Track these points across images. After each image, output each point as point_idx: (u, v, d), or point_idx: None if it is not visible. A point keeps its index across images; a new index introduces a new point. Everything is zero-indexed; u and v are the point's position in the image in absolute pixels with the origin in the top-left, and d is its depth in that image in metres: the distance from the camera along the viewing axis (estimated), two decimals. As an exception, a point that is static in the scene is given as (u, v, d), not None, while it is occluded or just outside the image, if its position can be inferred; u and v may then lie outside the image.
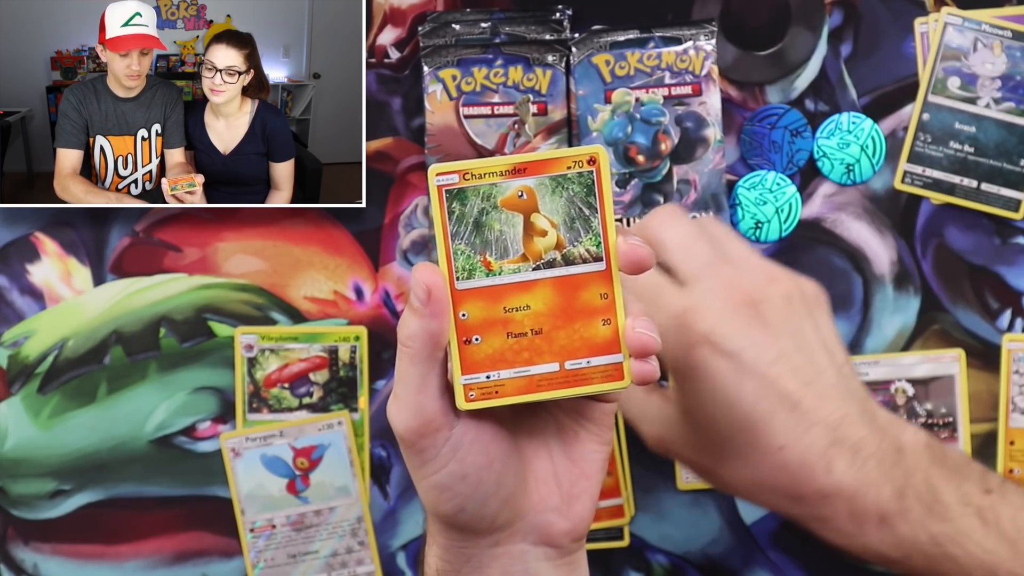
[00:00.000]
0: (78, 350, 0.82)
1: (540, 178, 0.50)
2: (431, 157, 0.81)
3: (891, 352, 0.83)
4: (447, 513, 0.52)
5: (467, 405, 0.51)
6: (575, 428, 0.54)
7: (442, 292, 0.49)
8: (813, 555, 0.83)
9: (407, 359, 0.50)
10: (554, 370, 0.51)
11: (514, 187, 0.50)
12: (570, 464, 0.54)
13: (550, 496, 0.54)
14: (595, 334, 0.51)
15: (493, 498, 0.52)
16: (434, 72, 0.81)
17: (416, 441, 0.51)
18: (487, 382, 0.51)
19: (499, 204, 0.50)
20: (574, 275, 0.51)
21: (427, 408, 0.50)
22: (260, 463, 0.81)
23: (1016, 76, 0.82)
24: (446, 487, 0.51)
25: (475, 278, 0.51)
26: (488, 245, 0.51)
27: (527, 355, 0.51)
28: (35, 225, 0.83)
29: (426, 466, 0.51)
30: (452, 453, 0.51)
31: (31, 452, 0.82)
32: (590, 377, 0.51)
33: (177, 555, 0.82)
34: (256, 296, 0.83)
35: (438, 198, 0.50)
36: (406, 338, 0.50)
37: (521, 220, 0.50)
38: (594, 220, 0.50)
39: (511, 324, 0.51)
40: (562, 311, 0.51)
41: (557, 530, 0.54)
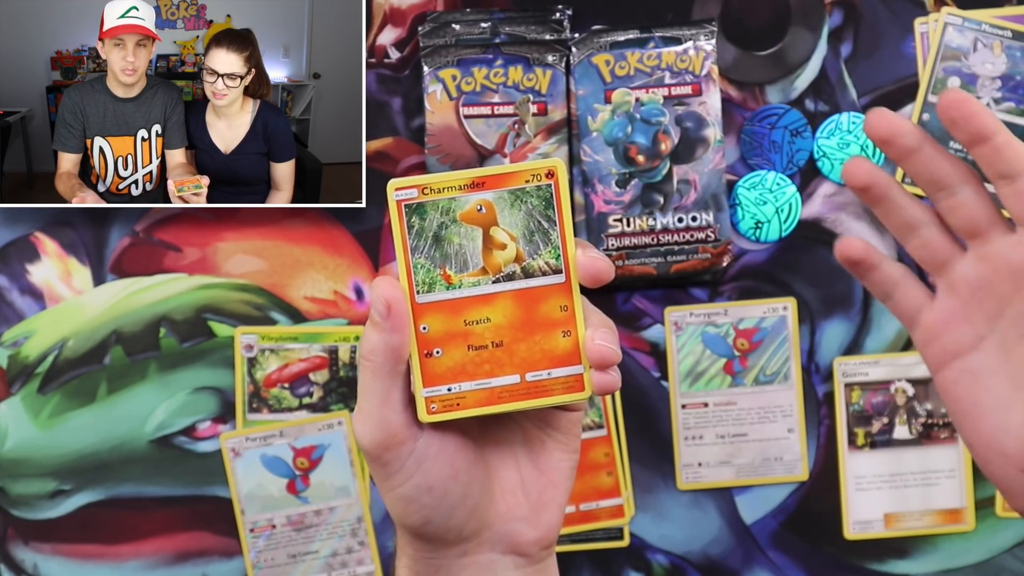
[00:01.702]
0: (78, 350, 0.82)
1: (499, 192, 0.51)
2: (431, 157, 0.81)
3: (891, 352, 0.83)
4: (414, 524, 0.53)
5: (429, 417, 0.51)
6: (542, 438, 0.55)
7: (402, 306, 0.50)
8: (813, 555, 0.83)
9: (369, 373, 0.51)
10: (515, 382, 0.51)
11: (473, 201, 0.51)
12: (537, 473, 0.55)
13: (518, 506, 0.55)
14: (555, 346, 0.51)
15: (459, 509, 0.53)
16: (434, 72, 0.81)
17: (381, 454, 0.51)
18: (448, 394, 0.51)
19: (458, 218, 0.51)
20: (534, 288, 0.51)
21: (391, 421, 0.51)
22: (260, 463, 0.81)
23: (1016, 76, 0.82)
24: (412, 499, 0.52)
25: (435, 291, 0.51)
26: (448, 259, 0.51)
27: (488, 367, 0.51)
28: (35, 225, 0.83)
29: (391, 478, 0.52)
30: (417, 465, 0.52)
31: (31, 452, 0.82)
32: (551, 388, 0.52)
33: (177, 555, 0.82)
34: (256, 296, 0.83)
35: (397, 213, 0.51)
36: (368, 352, 0.51)
37: (480, 234, 0.51)
38: (553, 233, 0.51)
39: (472, 337, 0.51)
40: (522, 323, 0.51)
41: (525, 539, 0.55)
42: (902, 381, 0.82)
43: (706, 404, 0.83)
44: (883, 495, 0.83)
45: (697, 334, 0.83)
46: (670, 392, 0.83)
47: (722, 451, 0.83)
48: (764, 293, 0.83)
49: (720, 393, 0.83)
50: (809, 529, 0.83)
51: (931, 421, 0.82)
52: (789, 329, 0.83)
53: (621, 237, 0.80)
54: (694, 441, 0.83)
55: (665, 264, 0.81)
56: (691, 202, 0.80)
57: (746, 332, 0.83)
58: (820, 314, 0.83)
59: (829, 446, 0.83)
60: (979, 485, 0.83)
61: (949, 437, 0.82)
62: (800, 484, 0.83)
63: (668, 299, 0.83)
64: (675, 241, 0.80)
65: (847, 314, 0.83)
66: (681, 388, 0.83)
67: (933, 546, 0.83)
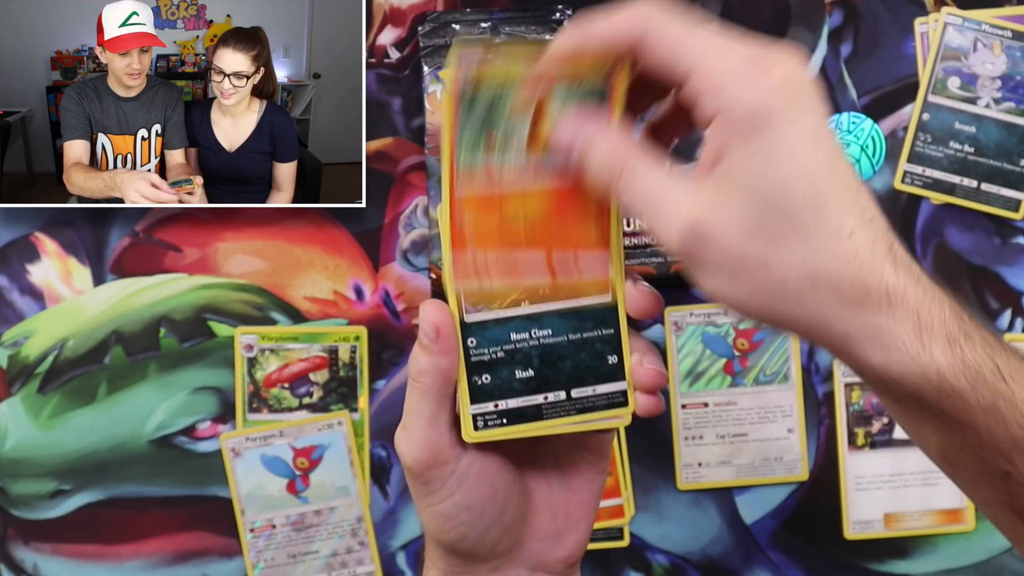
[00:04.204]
0: (78, 350, 0.82)
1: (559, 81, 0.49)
2: (431, 157, 0.81)
3: (891, 352, 0.83)
4: (450, 541, 0.53)
5: (474, 436, 0.51)
6: (574, 458, 0.55)
7: (450, 329, 0.50)
8: (813, 555, 0.83)
9: (418, 394, 0.51)
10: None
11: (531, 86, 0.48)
12: (568, 493, 0.55)
13: (548, 524, 0.55)
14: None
15: (495, 527, 0.53)
16: (434, 72, 0.81)
17: (424, 472, 0.51)
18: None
19: (512, 105, 0.49)
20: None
21: (437, 441, 0.51)
22: (260, 463, 0.81)
23: (1016, 76, 0.82)
24: (450, 516, 0.52)
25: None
26: (494, 132, 0.49)
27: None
28: (35, 225, 0.83)
29: (432, 495, 0.52)
30: (458, 484, 0.52)
31: (31, 452, 0.82)
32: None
33: (177, 555, 0.82)
34: (256, 296, 0.83)
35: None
36: (417, 373, 0.50)
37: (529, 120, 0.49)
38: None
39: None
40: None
41: (553, 557, 0.55)
42: (902, 381, 0.82)
43: (706, 404, 0.83)
44: (883, 495, 0.83)
45: (697, 334, 0.83)
46: (670, 392, 0.83)
47: (722, 451, 0.83)
48: (764, 293, 0.83)
49: (720, 393, 0.83)
50: (809, 529, 0.83)
51: (931, 421, 0.82)
52: (789, 329, 0.83)
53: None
54: (694, 441, 0.83)
55: (665, 264, 0.81)
56: (691, 202, 0.80)
57: (746, 332, 0.83)
58: (820, 314, 0.83)
59: (829, 446, 0.83)
60: (979, 485, 0.83)
61: (949, 437, 0.82)
62: (800, 484, 0.83)
63: (668, 299, 0.83)
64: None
65: (847, 314, 0.83)
66: (681, 388, 0.83)
67: (933, 546, 0.83)
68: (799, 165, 0.46)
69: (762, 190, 0.46)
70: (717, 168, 0.47)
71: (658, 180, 0.48)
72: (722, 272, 0.47)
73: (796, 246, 0.46)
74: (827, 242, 0.46)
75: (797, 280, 0.47)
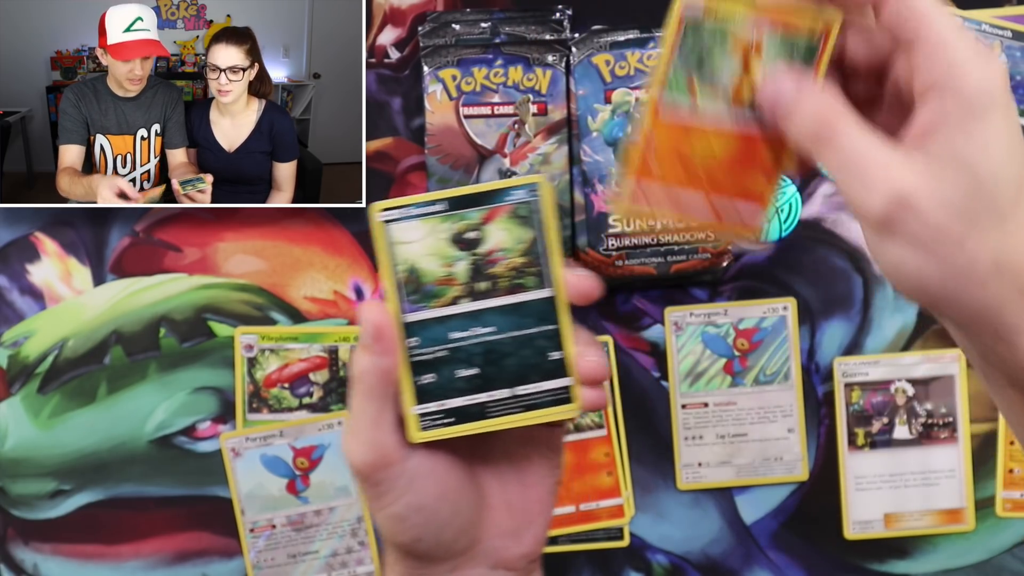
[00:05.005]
0: (78, 350, 0.82)
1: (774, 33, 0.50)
2: (431, 157, 0.81)
3: (891, 352, 0.83)
4: (405, 542, 0.53)
5: (419, 436, 0.51)
6: (527, 454, 0.55)
7: (391, 330, 0.50)
8: (813, 555, 0.83)
9: (361, 395, 0.51)
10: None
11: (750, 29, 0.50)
12: (523, 489, 0.55)
13: (504, 522, 0.55)
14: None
15: (449, 527, 0.53)
16: (434, 72, 0.81)
17: (372, 475, 0.52)
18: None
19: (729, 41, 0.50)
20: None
21: (383, 443, 0.51)
22: (260, 463, 0.81)
23: (1016, 76, 0.82)
24: (403, 518, 0.52)
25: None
26: (705, 73, 0.51)
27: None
28: (35, 225, 0.83)
29: (382, 498, 0.52)
30: (408, 485, 0.52)
31: (31, 452, 0.82)
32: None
33: (177, 555, 0.82)
34: (256, 296, 0.83)
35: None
36: (359, 375, 0.51)
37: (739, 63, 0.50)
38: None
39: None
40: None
41: (512, 554, 0.55)
42: (902, 381, 0.82)
43: (706, 404, 0.83)
44: (883, 495, 0.83)
45: (697, 334, 0.83)
46: (670, 392, 0.83)
47: (722, 451, 0.83)
48: (764, 293, 0.83)
49: (720, 393, 0.83)
50: (809, 529, 0.83)
51: (931, 421, 0.82)
52: (789, 329, 0.83)
53: (621, 237, 0.80)
54: (694, 441, 0.83)
55: (665, 264, 0.81)
56: (691, 202, 0.80)
57: (746, 332, 0.83)
58: (820, 314, 0.83)
59: (829, 446, 0.83)
60: (979, 485, 0.83)
61: (949, 437, 0.82)
62: (800, 484, 0.83)
63: (668, 299, 0.83)
64: (675, 241, 0.80)
65: (847, 314, 0.83)
66: (681, 388, 0.83)
67: (933, 546, 0.83)
68: (1013, 154, 0.48)
69: (975, 171, 0.47)
70: (930, 141, 0.48)
71: (866, 144, 0.48)
72: (916, 245, 0.48)
73: (992, 230, 0.48)
74: (1019, 231, 0.48)
75: (985, 263, 0.48)
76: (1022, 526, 0.83)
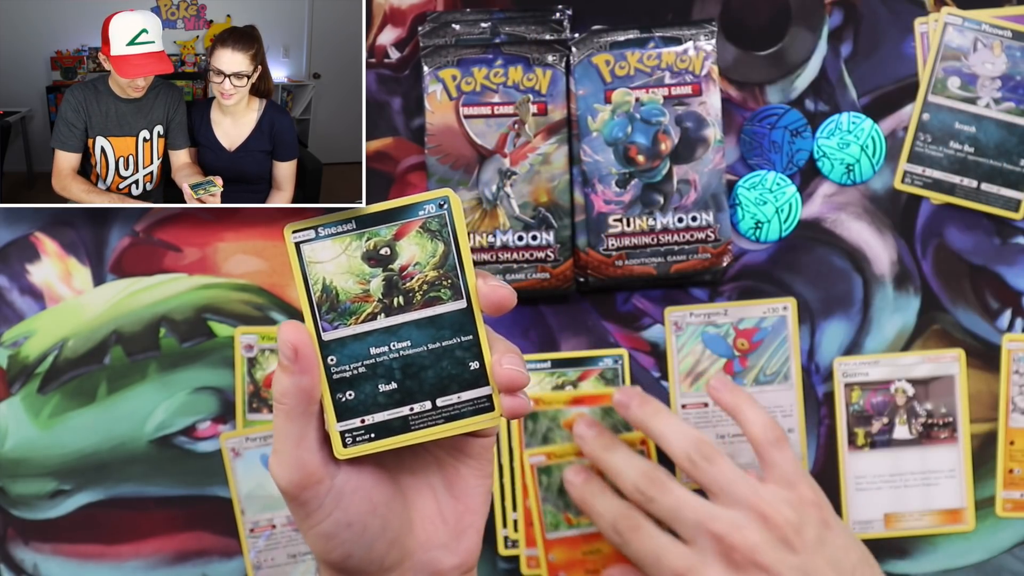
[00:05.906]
0: (78, 350, 0.82)
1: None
2: (431, 157, 0.81)
3: (891, 352, 0.83)
4: (336, 560, 0.53)
5: (344, 452, 0.51)
6: (456, 465, 0.56)
7: (309, 348, 0.51)
8: (813, 555, 0.83)
9: (283, 415, 0.51)
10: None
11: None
12: (454, 501, 0.56)
13: (437, 533, 0.55)
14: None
15: (380, 541, 0.53)
16: (434, 72, 0.81)
17: (299, 494, 0.52)
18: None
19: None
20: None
21: (307, 462, 0.51)
22: (260, 463, 0.81)
23: (1016, 76, 0.82)
24: (332, 535, 0.53)
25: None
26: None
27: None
28: (35, 225, 0.83)
29: (311, 517, 0.52)
30: (335, 502, 0.52)
31: (31, 452, 0.82)
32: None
33: (177, 555, 0.82)
34: (256, 296, 0.83)
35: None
36: (280, 395, 0.51)
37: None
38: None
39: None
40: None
41: (446, 565, 0.55)
42: (902, 381, 0.83)
43: (706, 404, 0.83)
44: (883, 495, 0.83)
45: (697, 334, 0.83)
46: (670, 392, 0.83)
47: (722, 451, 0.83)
48: (764, 293, 0.83)
49: (720, 393, 0.83)
50: (809, 529, 0.83)
51: (931, 421, 0.82)
52: (789, 329, 0.83)
53: (621, 237, 0.80)
54: (694, 441, 0.83)
55: (665, 264, 0.81)
56: (691, 202, 0.80)
57: (746, 332, 0.83)
58: (820, 314, 0.83)
59: (829, 446, 0.83)
60: (979, 485, 0.83)
61: (949, 437, 0.82)
62: (800, 484, 0.83)
63: (668, 299, 0.83)
64: (675, 241, 0.80)
65: (847, 314, 0.83)
66: (681, 388, 0.83)
67: (933, 546, 0.83)
68: None
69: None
70: None
71: None
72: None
73: None
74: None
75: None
76: (1022, 526, 0.83)
